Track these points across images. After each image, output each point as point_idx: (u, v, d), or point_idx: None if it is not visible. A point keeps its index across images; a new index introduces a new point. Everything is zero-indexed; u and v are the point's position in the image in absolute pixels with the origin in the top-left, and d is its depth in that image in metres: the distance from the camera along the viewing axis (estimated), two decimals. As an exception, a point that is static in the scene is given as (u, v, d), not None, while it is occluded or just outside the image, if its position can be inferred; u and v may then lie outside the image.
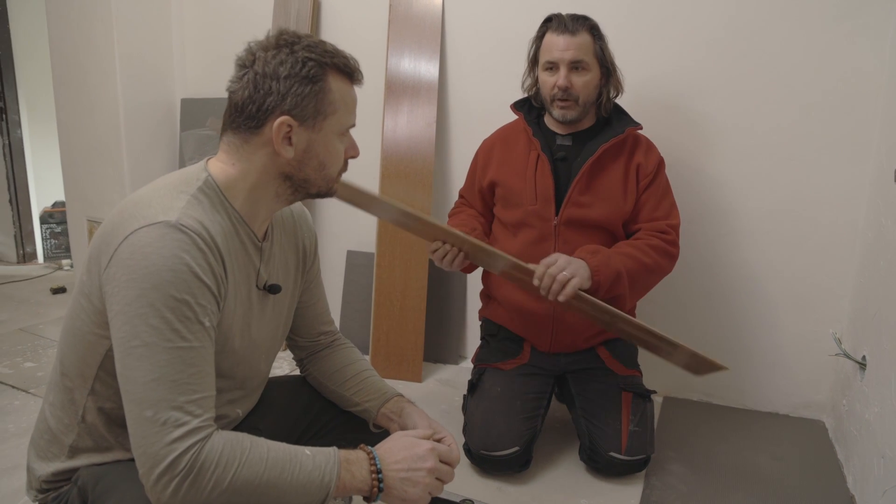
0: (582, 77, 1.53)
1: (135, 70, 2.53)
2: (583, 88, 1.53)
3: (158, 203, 0.82)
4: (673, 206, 1.62)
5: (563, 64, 1.52)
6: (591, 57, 1.53)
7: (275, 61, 0.85)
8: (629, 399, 1.57)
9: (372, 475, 0.87)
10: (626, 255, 1.50)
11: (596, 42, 1.54)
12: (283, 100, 0.85)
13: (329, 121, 0.89)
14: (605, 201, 1.56)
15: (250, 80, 0.85)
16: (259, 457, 0.80)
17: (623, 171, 1.58)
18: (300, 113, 0.86)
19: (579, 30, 1.52)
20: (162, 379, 0.76)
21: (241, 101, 0.86)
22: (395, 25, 2.19)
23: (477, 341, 2.05)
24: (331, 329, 1.18)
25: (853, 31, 1.71)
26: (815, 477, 1.59)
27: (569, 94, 1.53)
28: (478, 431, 1.55)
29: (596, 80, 1.55)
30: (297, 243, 1.07)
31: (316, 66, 0.86)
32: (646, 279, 1.55)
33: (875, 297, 1.56)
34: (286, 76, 0.84)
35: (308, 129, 0.87)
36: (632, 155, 1.59)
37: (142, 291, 0.76)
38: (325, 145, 0.90)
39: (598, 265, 1.43)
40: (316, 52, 0.86)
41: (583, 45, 1.52)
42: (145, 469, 0.75)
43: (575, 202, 1.56)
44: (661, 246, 1.54)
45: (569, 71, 1.52)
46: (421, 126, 2.16)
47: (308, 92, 0.85)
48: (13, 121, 3.44)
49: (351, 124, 0.93)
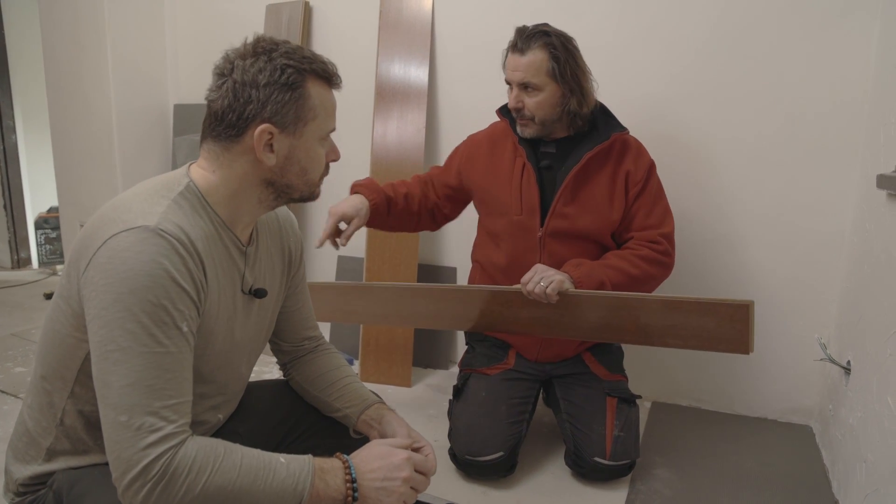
0: (533, 97, 1.49)
1: (128, 76, 2.55)
2: (536, 108, 1.50)
3: (138, 207, 0.82)
4: (666, 212, 1.59)
5: (513, 84, 1.50)
6: (543, 76, 1.47)
7: (253, 69, 0.85)
8: (614, 404, 1.57)
9: (346, 484, 0.87)
10: (612, 267, 1.48)
11: (550, 60, 1.46)
12: (264, 107, 0.85)
13: (309, 126, 0.89)
14: (591, 212, 1.55)
15: (229, 89, 0.86)
16: (232, 464, 0.80)
17: (610, 180, 1.55)
18: (281, 120, 0.86)
19: (531, 48, 1.46)
20: (137, 384, 0.76)
21: (220, 110, 0.87)
22: (385, 31, 2.21)
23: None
24: (315, 334, 1.19)
25: (838, 39, 1.72)
26: (801, 482, 1.60)
27: (521, 114, 1.52)
28: (463, 436, 1.55)
29: (552, 98, 1.49)
30: (283, 247, 1.07)
31: (295, 72, 0.86)
32: (634, 290, 1.51)
33: (860, 302, 1.56)
34: (265, 84, 0.85)
35: (289, 135, 0.88)
36: (620, 161, 1.56)
37: (119, 296, 0.76)
38: (306, 151, 0.90)
39: (580, 276, 1.44)
40: (294, 58, 0.87)
41: (532, 66, 1.46)
42: (118, 473, 0.75)
43: (560, 213, 1.54)
44: (651, 256, 1.52)
45: (519, 91, 1.50)
46: (411, 131, 2.18)
47: (288, 99, 0.86)
48: (8, 126, 3.45)
49: (331, 129, 0.94)
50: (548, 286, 1.40)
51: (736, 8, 1.80)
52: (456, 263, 2.26)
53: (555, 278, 1.41)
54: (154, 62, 2.64)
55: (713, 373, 2.00)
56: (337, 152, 0.98)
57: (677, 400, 2.05)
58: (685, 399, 2.04)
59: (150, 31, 2.61)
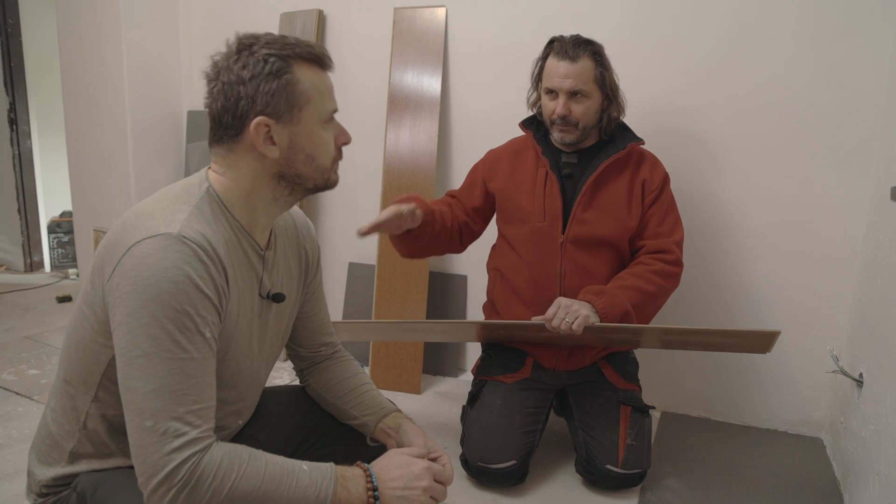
0: (581, 104, 1.53)
1: (142, 83, 2.58)
2: (582, 115, 1.54)
3: (161, 215, 0.83)
4: (677, 221, 1.62)
5: (562, 92, 1.52)
6: (592, 84, 1.53)
7: (237, 66, 0.86)
8: (627, 413, 1.57)
9: (368, 492, 0.87)
10: (630, 289, 1.49)
11: (597, 68, 1.52)
12: (254, 101, 0.85)
13: (305, 111, 0.88)
14: (609, 218, 1.57)
15: (220, 91, 0.87)
16: (256, 470, 0.81)
17: (627, 187, 1.59)
18: (273, 110, 0.86)
19: (580, 56, 1.50)
20: (162, 389, 0.77)
21: (217, 114, 0.88)
22: (398, 41, 2.23)
23: (476, 354, 2.04)
24: (332, 340, 1.20)
25: (853, 50, 1.73)
26: (812, 494, 1.59)
27: (567, 120, 1.54)
28: (476, 443, 1.56)
29: (597, 105, 1.55)
30: (301, 253, 1.08)
31: (278, 59, 0.86)
32: (651, 307, 1.55)
33: (872, 314, 1.56)
34: (251, 77, 0.85)
35: (286, 124, 0.87)
36: (637, 170, 1.60)
37: (143, 302, 0.77)
38: (308, 137, 0.90)
39: (605, 307, 1.43)
40: (275, 46, 0.87)
41: (583, 74, 1.51)
42: (144, 478, 0.76)
43: (580, 220, 1.57)
44: (664, 270, 1.54)
45: (567, 99, 1.52)
46: (423, 140, 2.19)
47: (276, 87, 0.86)
48: (23, 132, 3.49)
49: (331, 110, 0.93)
50: (573, 322, 1.40)
51: (749, 17, 1.81)
52: (466, 272, 2.27)
53: (580, 313, 1.40)
54: (168, 69, 2.67)
55: (724, 383, 2.00)
56: (346, 134, 0.96)
57: (687, 410, 2.05)
58: (695, 410, 2.04)
59: (165, 39, 2.64)
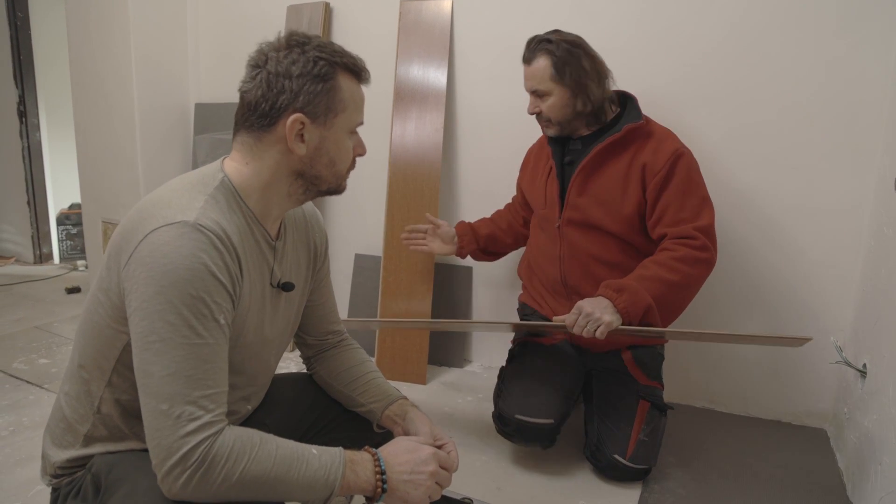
0: (545, 102, 1.58)
1: (150, 75, 2.59)
2: (549, 111, 1.58)
3: (177, 203, 0.85)
4: (703, 203, 1.52)
5: (528, 92, 1.61)
6: (549, 83, 1.54)
7: (287, 60, 0.88)
8: (645, 408, 1.58)
9: (376, 476, 0.89)
10: (651, 279, 1.43)
11: (552, 66, 1.52)
12: (296, 98, 0.88)
13: (339, 118, 0.92)
14: (601, 204, 1.56)
15: (263, 80, 0.88)
16: (268, 453, 0.83)
17: (624, 172, 1.54)
18: (312, 110, 0.89)
19: (535, 57, 1.55)
20: (177, 374, 0.79)
21: (253, 101, 0.90)
22: (404, 33, 2.23)
23: (481, 345, 2.07)
24: (339, 329, 1.22)
25: (858, 42, 1.72)
26: (816, 485, 1.60)
27: (542, 117, 1.61)
28: (516, 399, 1.58)
29: (561, 100, 1.55)
30: (309, 242, 1.10)
31: (327, 64, 0.89)
32: (679, 296, 1.47)
33: (876, 305, 1.57)
34: (298, 75, 0.88)
35: (320, 126, 0.91)
36: (638, 153, 1.54)
37: (160, 289, 0.79)
38: (335, 142, 0.93)
39: (625, 305, 1.39)
40: (326, 51, 0.90)
41: (536, 74, 1.55)
42: (158, 460, 0.78)
43: (573, 204, 1.61)
44: (689, 255, 1.45)
45: (535, 98, 1.60)
46: (429, 132, 2.20)
47: (320, 90, 0.89)
48: (32, 124, 3.52)
49: (359, 122, 0.97)
50: (596, 329, 1.38)
51: (753, 11, 1.81)
52: (472, 263, 2.29)
53: (602, 320, 1.37)
54: (176, 62, 2.69)
55: (728, 374, 2.01)
56: (363, 147, 1.00)
57: (691, 401, 2.06)
58: (700, 400, 2.05)
59: (173, 32, 2.66)
